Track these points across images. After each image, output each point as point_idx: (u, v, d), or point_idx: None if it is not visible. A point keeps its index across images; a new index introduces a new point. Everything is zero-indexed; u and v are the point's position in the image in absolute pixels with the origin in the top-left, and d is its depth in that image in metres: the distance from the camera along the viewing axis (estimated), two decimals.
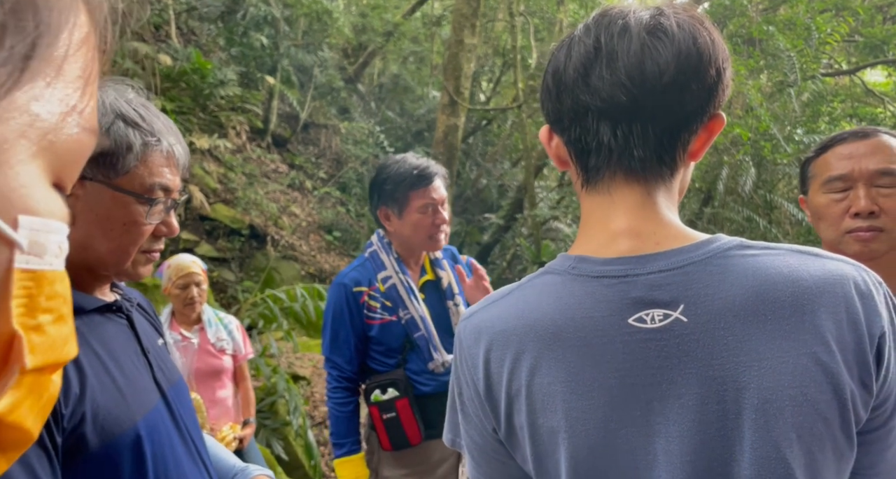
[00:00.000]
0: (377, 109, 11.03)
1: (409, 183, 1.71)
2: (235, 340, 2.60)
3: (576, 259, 0.65)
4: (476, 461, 0.73)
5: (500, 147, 11.15)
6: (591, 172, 0.66)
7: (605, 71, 0.61)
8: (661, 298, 0.59)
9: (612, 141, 0.63)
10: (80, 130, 0.28)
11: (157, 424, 0.82)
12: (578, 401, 0.60)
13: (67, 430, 0.69)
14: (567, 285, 0.64)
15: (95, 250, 0.79)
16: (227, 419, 2.50)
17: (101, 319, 0.82)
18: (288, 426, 3.97)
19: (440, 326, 1.81)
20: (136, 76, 5.99)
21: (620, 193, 0.65)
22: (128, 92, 0.83)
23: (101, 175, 0.77)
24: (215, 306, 4.79)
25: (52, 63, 0.26)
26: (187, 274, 2.44)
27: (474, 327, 0.69)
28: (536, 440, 0.63)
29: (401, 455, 1.77)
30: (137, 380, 0.82)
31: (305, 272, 6.89)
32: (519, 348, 0.64)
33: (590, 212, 0.68)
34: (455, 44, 7.74)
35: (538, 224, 8.62)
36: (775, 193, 5.75)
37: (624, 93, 0.60)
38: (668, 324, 0.58)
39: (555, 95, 0.66)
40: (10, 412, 0.24)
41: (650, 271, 0.60)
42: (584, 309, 0.61)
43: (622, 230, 0.64)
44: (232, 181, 6.87)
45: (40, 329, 0.25)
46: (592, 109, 0.62)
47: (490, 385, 0.66)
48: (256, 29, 7.94)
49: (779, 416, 0.55)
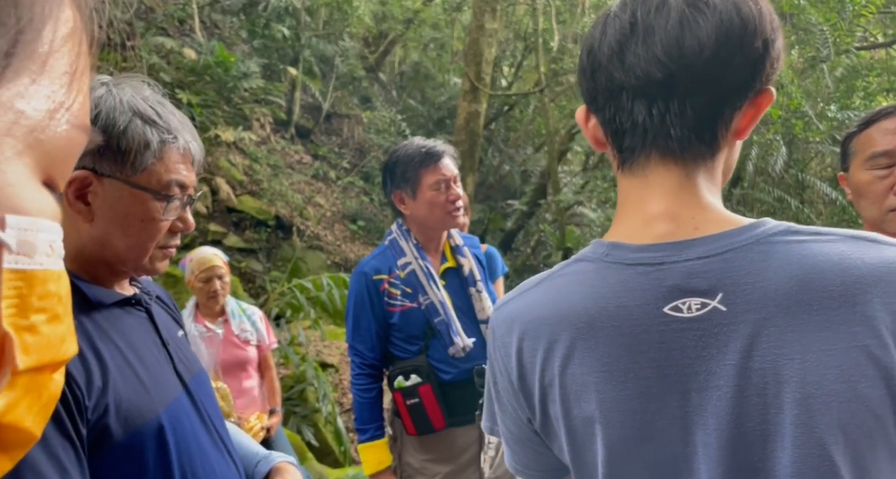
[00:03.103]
0: (399, 97, 11.02)
1: (418, 162, 1.72)
2: (259, 330, 2.64)
3: (609, 246, 0.63)
4: (513, 450, 0.72)
5: (522, 133, 11.04)
6: (626, 152, 0.64)
7: (641, 47, 0.59)
8: (699, 286, 0.56)
9: (647, 120, 0.60)
10: (69, 127, 0.28)
11: (180, 414, 0.83)
12: (612, 391, 0.59)
13: (92, 422, 0.71)
14: (600, 272, 0.62)
15: (114, 246, 0.80)
16: (253, 409, 2.55)
17: (120, 312, 0.84)
18: (317, 413, 4.05)
19: (462, 312, 1.81)
20: (161, 71, 6.08)
21: (657, 174, 0.62)
22: (144, 89, 0.84)
23: (120, 173, 0.79)
24: (244, 296, 4.89)
25: (36, 59, 0.26)
26: (209, 267, 2.48)
27: (507, 316, 0.68)
28: (572, 430, 0.62)
29: (424, 441, 1.78)
30: (158, 372, 0.83)
31: (331, 262, 6.97)
32: (552, 337, 0.63)
33: (626, 195, 0.66)
34: (476, 29, 7.66)
35: (562, 210, 8.54)
36: (807, 173, 5.58)
37: (660, 69, 0.58)
38: (705, 313, 0.56)
39: (589, 74, 0.64)
40: (4, 412, 0.24)
41: (687, 257, 0.58)
42: (618, 298, 0.60)
43: (658, 214, 0.61)
44: (257, 173, 6.96)
45: (34, 329, 0.25)
46: (627, 88, 0.60)
47: (523, 375, 0.66)
48: (278, 20, 7.99)
49: (824, 412, 0.52)
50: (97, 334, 0.77)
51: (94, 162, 0.77)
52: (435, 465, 1.78)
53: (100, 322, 0.78)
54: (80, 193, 0.78)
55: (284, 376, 4.18)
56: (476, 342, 1.77)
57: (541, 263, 9.94)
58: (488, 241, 9.15)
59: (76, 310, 0.76)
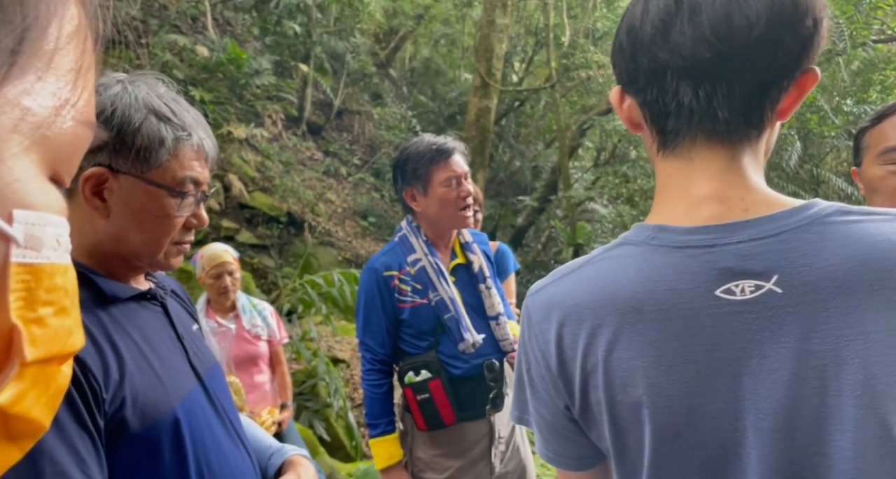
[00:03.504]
0: (409, 93, 11.02)
1: (429, 159, 1.73)
2: (270, 326, 2.66)
3: (655, 229, 0.62)
4: (545, 438, 0.71)
5: (533, 128, 11.00)
6: (670, 135, 0.62)
7: (687, 26, 0.57)
8: (753, 268, 0.55)
9: (693, 102, 0.59)
10: (74, 124, 0.28)
11: (195, 407, 0.85)
12: (661, 376, 0.58)
13: (109, 414, 0.72)
14: (647, 256, 0.61)
15: (130, 242, 0.82)
16: (265, 403, 2.58)
17: (136, 306, 0.85)
18: (329, 408, 4.08)
19: (472, 308, 1.81)
20: (174, 68, 6.13)
21: (702, 156, 0.61)
22: (159, 86, 0.85)
23: (135, 169, 0.80)
24: (256, 292, 4.93)
25: (42, 56, 0.26)
26: (220, 263, 2.50)
27: (544, 301, 0.67)
28: (615, 416, 0.61)
29: (435, 436, 1.79)
30: (174, 365, 0.85)
31: (342, 258, 7.00)
32: (595, 322, 0.61)
33: (667, 178, 0.64)
34: (486, 24, 7.63)
35: (573, 206, 8.51)
36: (822, 168, 5.51)
37: (708, 49, 0.56)
38: (759, 296, 0.55)
39: (629, 54, 0.62)
40: (13, 403, 0.24)
41: (740, 239, 0.57)
42: (667, 281, 0.58)
43: (706, 196, 0.60)
44: (269, 169, 7.00)
45: (41, 322, 0.26)
46: (672, 68, 0.59)
47: (563, 361, 0.64)
48: (289, 17, 8.01)
49: (888, 392, 0.51)
50: (114, 327, 0.78)
51: (111, 159, 0.79)
52: (446, 460, 1.79)
53: (116, 316, 0.80)
54: (96, 190, 0.79)
55: (296, 372, 4.21)
56: (486, 338, 1.78)
57: (551, 259, 9.92)
58: (499, 237, 9.14)
59: (93, 304, 0.78)
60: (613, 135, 9.45)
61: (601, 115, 8.86)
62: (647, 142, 0.67)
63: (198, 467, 0.82)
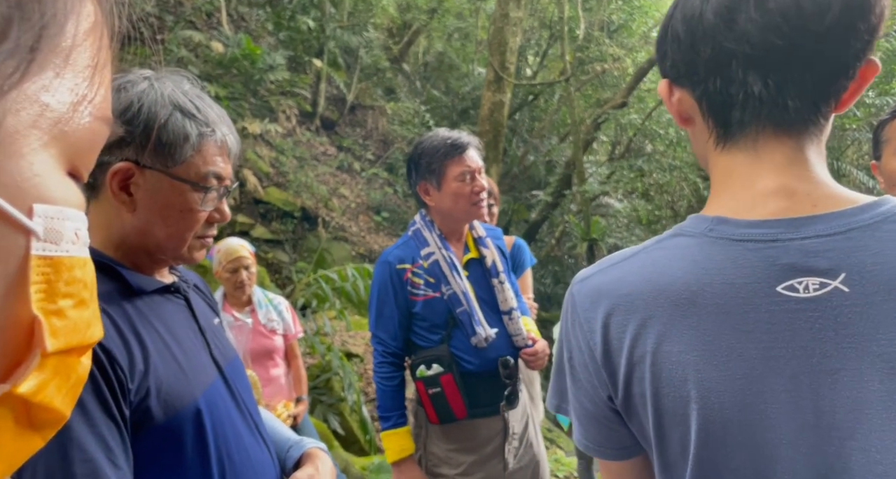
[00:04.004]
0: (422, 88, 11.01)
1: (443, 153, 1.73)
2: (285, 320, 2.68)
3: (714, 221, 0.60)
4: (585, 428, 0.70)
5: (547, 122, 10.95)
6: (735, 126, 0.60)
7: (755, 12, 0.55)
8: (819, 265, 0.54)
9: (762, 92, 0.57)
10: (92, 119, 0.28)
11: (217, 399, 0.86)
12: (713, 371, 0.56)
13: (134, 404, 0.74)
14: (704, 248, 0.59)
15: (155, 236, 0.83)
16: (280, 397, 2.60)
17: (160, 299, 0.87)
18: (343, 402, 4.11)
19: (485, 303, 1.81)
20: (190, 64, 6.18)
21: (768, 148, 0.59)
22: (184, 83, 0.86)
23: (160, 164, 0.81)
24: (271, 287, 4.97)
25: (60, 53, 0.26)
26: (236, 258, 2.53)
27: (592, 289, 0.65)
28: (660, 409, 0.60)
29: (448, 431, 1.80)
30: (196, 357, 0.86)
31: (356, 253, 7.04)
32: (646, 313, 0.60)
33: (728, 170, 0.62)
34: (500, 18, 7.60)
35: (587, 200, 8.46)
36: (843, 161, 5.43)
37: (778, 36, 0.54)
38: (824, 294, 0.53)
39: (687, 45, 0.60)
40: (35, 393, 0.25)
41: (805, 235, 0.55)
42: (724, 275, 0.57)
43: (772, 190, 0.58)
44: (283, 165, 7.04)
45: (61, 313, 0.26)
46: (738, 57, 0.57)
47: (608, 351, 0.63)
48: (303, 12, 8.03)
49: None
50: (139, 319, 0.79)
51: (137, 154, 0.80)
52: (459, 455, 1.80)
53: (141, 308, 0.81)
54: (123, 184, 0.80)
55: (310, 366, 4.25)
56: (499, 333, 1.78)
57: (565, 254, 9.88)
58: (512, 232, 9.12)
59: (119, 296, 0.79)
60: (629, 128, 9.38)
61: (616, 108, 8.79)
62: (699, 136, 0.65)
63: (219, 457, 0.83)
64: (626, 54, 9.75)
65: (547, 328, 5.09)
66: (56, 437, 0.67)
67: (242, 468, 0.87)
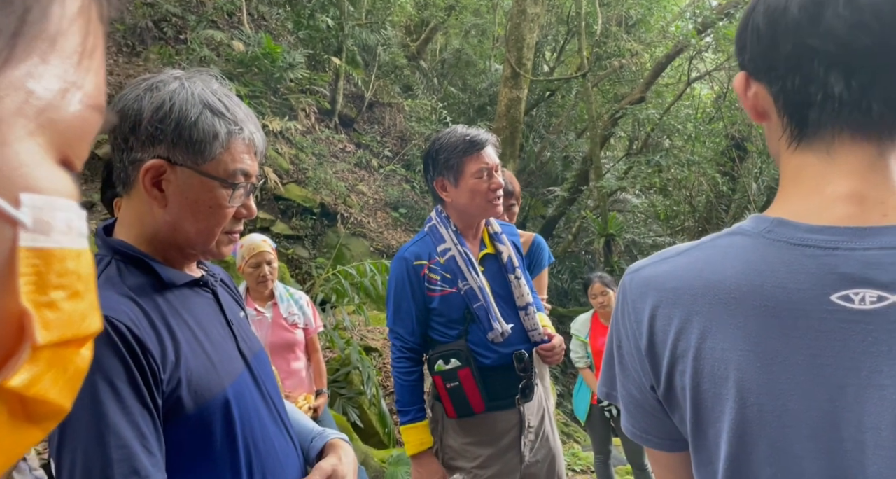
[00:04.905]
0: (440, 84, 11.02)
1: (461, 150, 1.75)
2: (306, 314, 2.73)
3: (773, 222, 0.58)
4: (632, 415, 0.70)
5: (564, 118, 10.89)
6: (811, 126, 0.58)
7: (844, 9, 0.52)
8: (879, 278, 0.51)
9: (844, 93, 0.54)
10: (82, 107, 0.27)
11: (243, 390, 0.89)
12: (755, 372, 0.55)
13: (166, 393, 0.77)
14: (759, 249, 0.57)
15: (185, 231, 0.86)
16: (301, 390, 2.65)
17: (190, 292, 0.90)
18: (362, 396, 4.16)
19: (501, 298, 1.83)
20: (212, 63, 6.27)
21: (845, 152, 0.56)
22: (212, 82, 0.89)
23: (191, 161, 0.84)
24: (291, 282, 5.03)
25: (45, 39, 0.25)
26: (259, 253, 2.58)
27: (643, 281, 0.65)
28: (699, 405, 0.60)
29: (465, 424, 1.82)
30: (224, 349, 0.89)
31: (374, 248, 7.09)
32: (692, 308, 0.59)
33: (797, 172, 0.60)
34: (517, 14, 7.57)
35: (605, 196, 8.41)
36: None
37: (868, 35, 0.52)
38: (882, 307, 0.51)
39: (767, 39, 0.58)
40: (28, 386, 0.24)
41: (870, 246, 0.52)
42: (777, 278, 0.55)
43: (843, 195, 0.55)
44: (303, 162, 7.11)
45: (53, 306, 0.25)
46: (821, 55, 0.54)
47: (653, 342, 0.63)
48: (322, 10, 8.10)
49: None
50: (170, 312, 0.83)
51: (168, 151, 0.83)
52: (476, 448, 1.82)
53: (172, 301, 0.85)
54: (155, 181, 0.83)
55: (330, 360, 4.30)
56: (515, 328, 1.79)
57: (582, 249, 9.83)
58: (529, 228, 9.10)
59: (152, 289, 0.83)
60: (647, 124, 9.29)
61: (634, 103, 8.71)
62: (773, 132, 0.63)
63: (245, 446, 0.86)
64: (644, 49, 9.65)
65: (564, 324, 5.09)
66: (94, 424, 0.71)
67: (268, 456, 0.90)
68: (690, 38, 7.87)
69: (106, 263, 0.83)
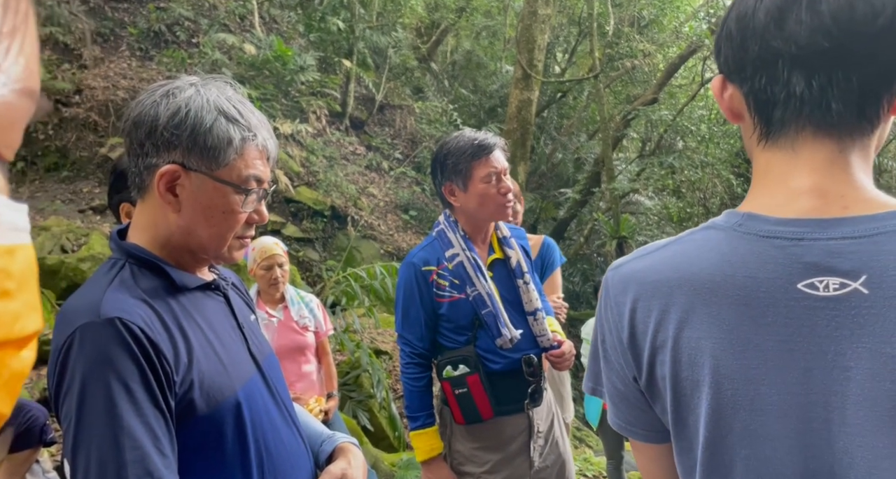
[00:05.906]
0: (450, 86, 11.03)
1: (470, 154, 1.74)
2: (317, 317, 2.74)
3: (744, 216, 0.62)
4: (617, 408, 0.73)
5: (575, 120, 10.85)
6: (775, 125, 0.61)
7: (805, 14, 0.55)
8: (840, 266, 0.55)
9: (805, 92, 0.58)
10: (8, 93, 0.25)
11: (255, 392, 0.90)
12: (729, 358, 0.58)
13: (179, 395, 0.78)
14: (731, 242, 0.61)
15: (198, 235, 0.87)
16: (312, 392, 2.65)
17: (202, 296, 0.91)
18: (372, 399, 4.16)
19: (510, 303, 1.82)
20: (224, 66, 6.32)
21: (807, 148, 0.60)
22: (227, 89, 0.90)
23: (205, 167, 0.85)
24: (301, 284, 5.06)
25: None
26: (271, 256, 2.59)
27: (623, 276, 0.68)
28: (678, 393, 0.63)
29: (473, 430, 1.81)
30: (236, 352, 0.90)
31: (384, 251, 7.10)
32: (669, 300, 0.63)
33: (766, 168, 0.64)
34: (528, 15, 7.56)
35: (617, 198, 8.36)
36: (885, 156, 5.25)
37: (826, 38, 0.55)
38: (843, 294, 0.55)
39: (738, 42, 0.61)
40: None
41: (831, 236, 0.56)
42: (748, 268, 0.58)
43: (805, 189, 0.59)
44: (314, 164, 7.15)
45: None
46: (784, 57, 0.58)
47: (634, 335, 0.66)
48: (333, 13, 8.14)
49: None
50: (183, 315, 0.84)
51: (183, 157, 0.84)
52: (484, 453, 1.81)
53: (184, 304, 0.86)
54: (169, 186, 0.84)
55: (340, 363, 4.31)
56: (524, 334, 1.78)
57: (594, 252, 9.79)
58: (540, 230, 9.08)
59: (165, 293, 0.84)
60: (659, 125, 9.24)
61: (646, 105, 8.66)
62: (746, 132, 0.66)
63: (257, 448, 0.87)
64: (656, 50, 9.60)
65: (576, 327, 5.06)
66: (108, 426, 0.72)
67: (279, 458, 0.90)
68: (704, 39, 7.82)
69: (120, 266, 0.84)
